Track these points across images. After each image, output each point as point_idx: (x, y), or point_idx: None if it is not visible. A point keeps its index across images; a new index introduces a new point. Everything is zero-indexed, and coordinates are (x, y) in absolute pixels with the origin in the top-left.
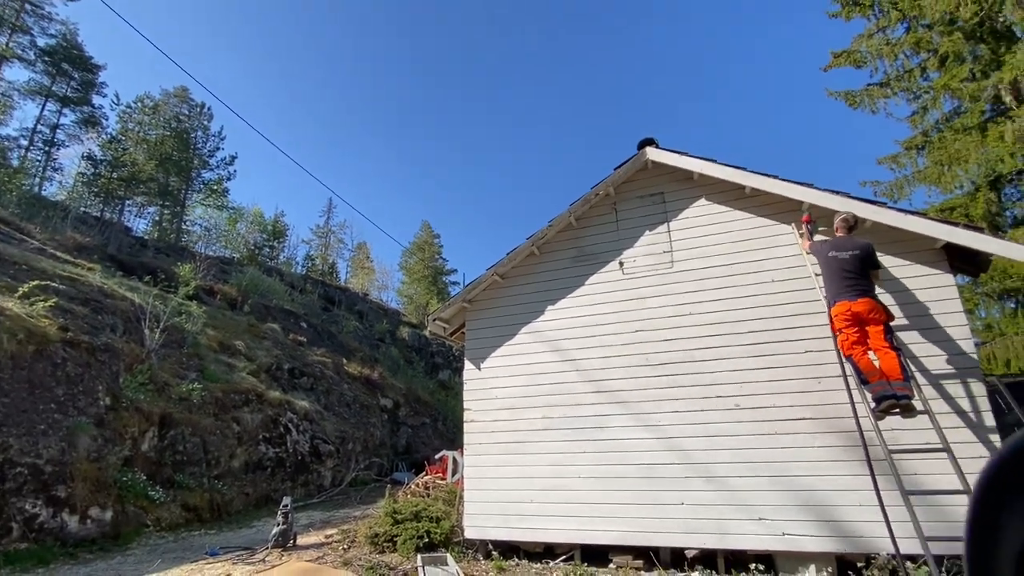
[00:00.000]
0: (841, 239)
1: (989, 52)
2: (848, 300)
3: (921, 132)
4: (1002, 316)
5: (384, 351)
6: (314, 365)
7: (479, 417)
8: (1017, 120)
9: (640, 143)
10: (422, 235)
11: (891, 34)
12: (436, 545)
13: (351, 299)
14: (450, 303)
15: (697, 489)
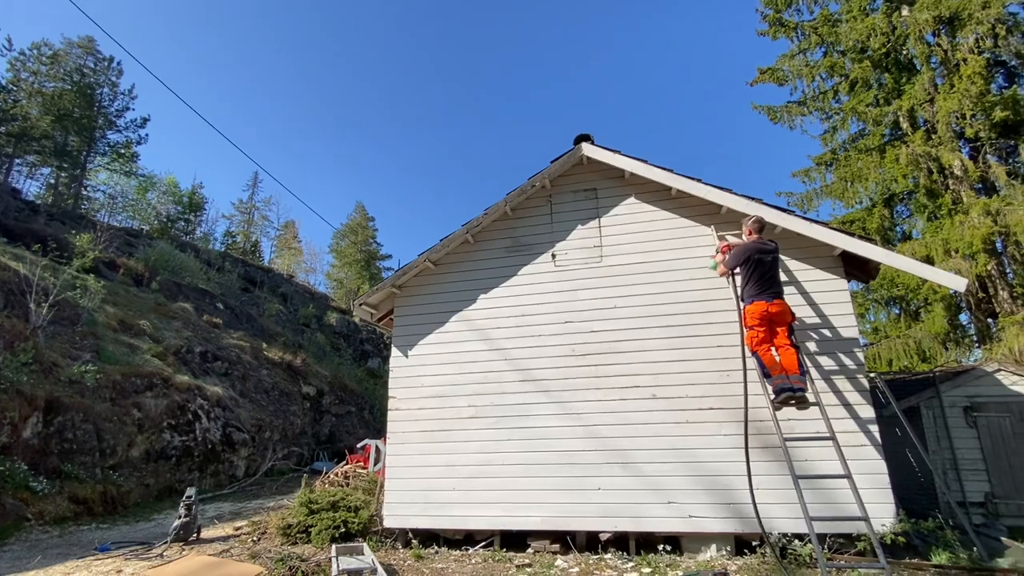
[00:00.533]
0: (762, 241)
1: (892, 81)
2: (765, 301)
3: (830, 150)
4: (888, 320)
5: (309, 337)
6: (230, 349)
7: (404, 405)
8: (911, 145)
9: (576, 138)
10: (356, 217)
11: (811, 57)
12: (353, 535)
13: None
14: (379, 288)
15: (614, 475)
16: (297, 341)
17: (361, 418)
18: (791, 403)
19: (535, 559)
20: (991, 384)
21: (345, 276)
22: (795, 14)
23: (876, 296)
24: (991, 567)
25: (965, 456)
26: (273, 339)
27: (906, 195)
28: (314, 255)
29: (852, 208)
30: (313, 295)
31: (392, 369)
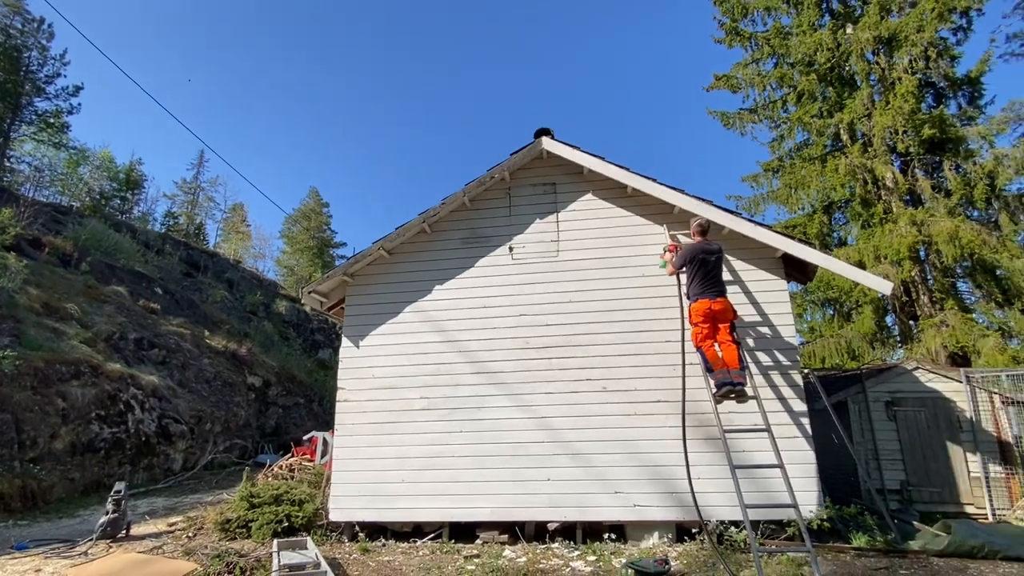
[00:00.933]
0: (706, 242)
1: (835, 95)
2: (709, 299)
3: (777, 157)
4: (823, 320)
5: (256, 325)
6: (168, 336)
7: (354, 397)
8: (849, 156)
9: (537, 132)
10: (309, 202)
11: (763, 66)
12: (297, 530)
13: (220, 265)
14: (330, 275)
15: (563, 466)
16: (243, 329)
17: (310, 410)
18: (731, 396)
19: (483, 550)
20: (910, 381)
21: (296, 263)
22: (750, 24)
23: (813, 297)
24: (903, 549)
25: (885, 447)
26: (217, 327)
27: (843, 203)
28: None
29: (795, 213)
30: (261, 282)
31: (342, 360)
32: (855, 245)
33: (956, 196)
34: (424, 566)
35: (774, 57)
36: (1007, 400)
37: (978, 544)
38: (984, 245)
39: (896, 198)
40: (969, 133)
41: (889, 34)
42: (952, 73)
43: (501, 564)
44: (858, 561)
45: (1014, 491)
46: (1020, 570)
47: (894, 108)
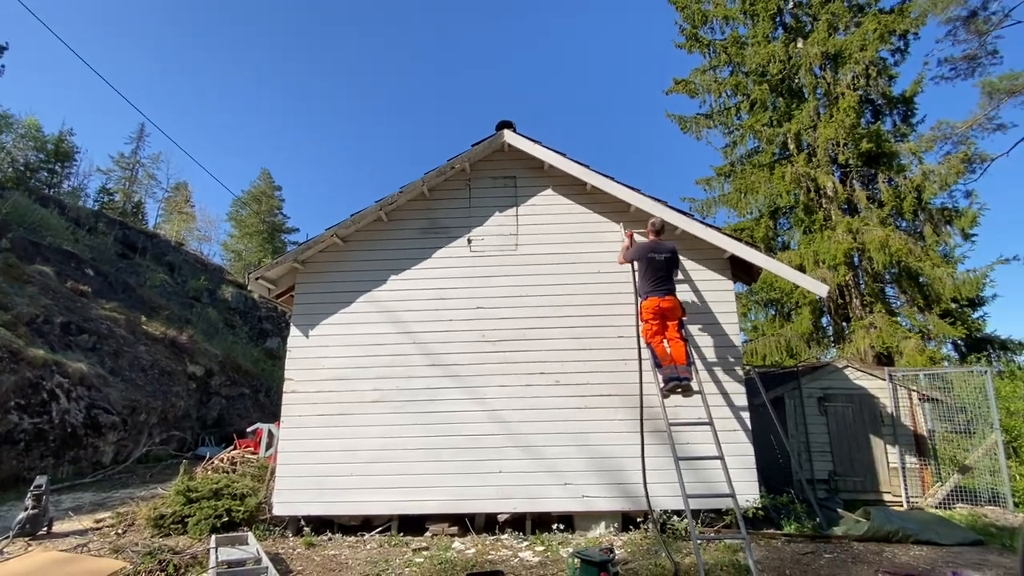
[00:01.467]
0: (657, 242)
1: (785, 105)
2: (658, 297)
3: (730, 162)
4: (765, 320)
5: (199, 312)
6: (100, 321)
7: (302, 388)
8: (795, 165)
9: (499, 124)
10: (260, 184)
11: (720, 74)
12: (238, 524)
13: (160, 247)
14: (279, 261)
15: (514, 458)
16: (184, 316)
17: (256, 401)
18: (678, 391)
19: (432, 542)
20: (840, 379)
21: (245, 248)
22: (709, 32)
23: (757, 298)
24: (828, 535)
25: (816, 440)
26: (155, 312)
27: (788, 209)
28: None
29: (744, 217)
30: (206, 266)
31: (290, 349)
32: (797, 249)
33: (888, 207)
34: (371, 559)
35: (730, 65)
36: (923, 397)
37: (893, 529)
38: (910, 254)
39: (835, 207)
40: (901, 149)
41: (835, 51)
42: (889, 92)
43: (450, 556)
44: (788, 547)
45: (926, 480)
46: (928, 552)
47: (837, 121)
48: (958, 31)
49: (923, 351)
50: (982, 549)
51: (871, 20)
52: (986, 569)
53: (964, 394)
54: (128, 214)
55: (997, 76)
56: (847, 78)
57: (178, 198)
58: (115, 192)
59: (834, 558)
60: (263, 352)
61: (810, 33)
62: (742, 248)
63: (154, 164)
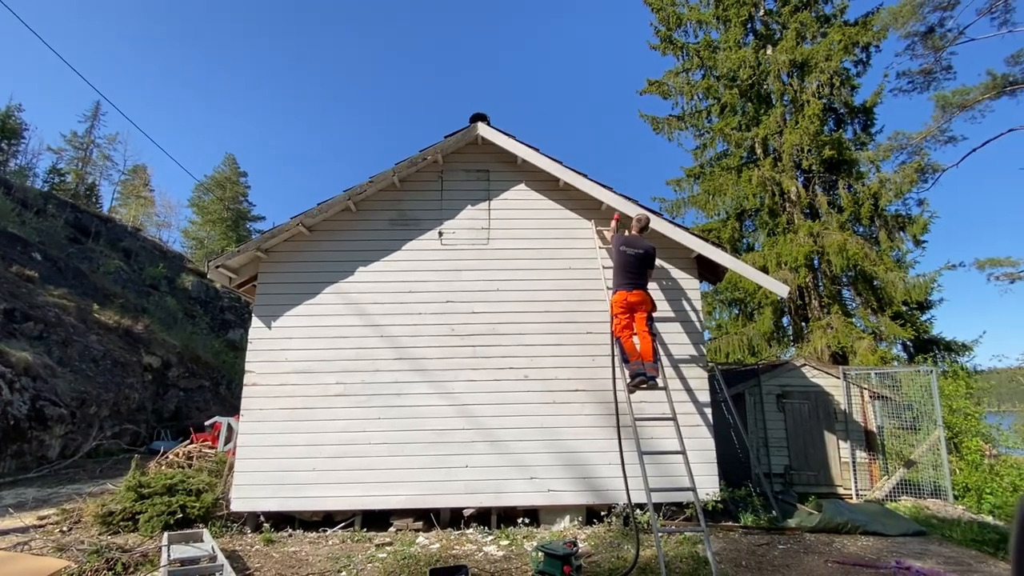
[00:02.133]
0: (634, 238)
1: (753, 110)
2: (627, 291)
3: (699, 164)
4: (729, 319)
5: (157, 300)
6: (47, 308)
7: (264, 381)
8: (762, 169)
9: (472, 117)
10: (224, 170)
11: (692, 76)
12: (193, 521)
13: (116, 233)
14: (241, 250)
15: (482, 452)
16: (141, 305)
17: (216, 394)
18: (643, 387)
19: (396, 537)
20: (798, 376)
21: (207, 235)
22: (683, 35)
23: (722, 297)
24: (783, 526)
25: (774, 435)
26: (109, 300)
27: (754, 212)
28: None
29: (712, 218)
30: (165, 253)
31: (252, 341)
32: (761, 251)
33: (847, 212)
34: (333, 555)
35: (703, 69)
36: (874, 395)
37: (843, 521)
38: (866, 258)
39: (798, 210)
40: (861, 157)
41: (803, 59)
42: (851, 101)
43: (413, 551)
44: (745, 538)
45: (875, 474)
46: (875, 542)
47: (802, 128)
48: (916, 46)
49: (875, 351)
50: (924, 539)
51: (836, 31)
52: (927, 558)
53: (911, 392)
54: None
55: (951, 91)
56: (812, 86)
57: (136, 181)
58: (67, 173)
59: (787, 549)
60: (225, 343)
61: (779, 41)
62: (708, 248)
63: (110, 145)
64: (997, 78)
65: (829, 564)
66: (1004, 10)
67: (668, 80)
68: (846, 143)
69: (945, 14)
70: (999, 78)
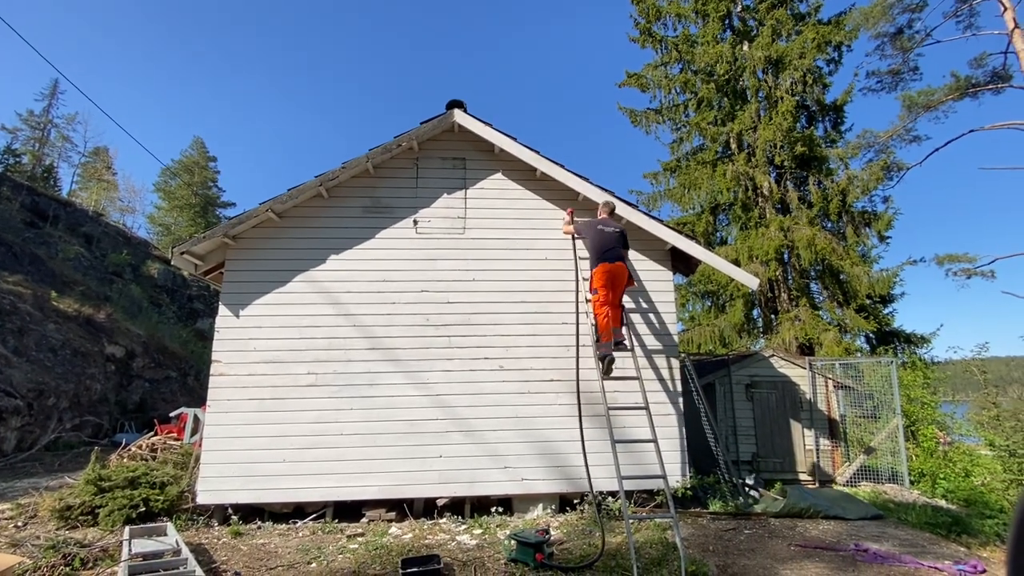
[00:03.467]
0: (606, 219)
1: (729, 105)
2: (608, 263)
3: (676, 158)
4: (702, 311)
5: (121, 288)
6: (1, 296)
7: (231, 371)
8: (736, 164)
9: (449, 103)
10: (192, 154)
11: (671, 70)
12: (157, 515)
13: (76, 217)
14: (207, 235)
15: (456, 443)
16: (103, 292)
17: (184, 385)
18: (613, 361)
19: (369, 528)
20: (766, 367)
21: (174, 222)
22: (662, 28)
23: (695, 290)
24: (749, 512)
25: (742, 424)
26: (69, 288)
27: (727, 206)
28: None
29: (687, 212)
30: (129, 240)
31: (219, 330)
32: (734, 244)
33: (816, 208)
34: (303, 547)
35: (681, 63)
36: (838, 385)
37: (806, 506)
38: (833, 252)
39: (770, 205)
40: (831, 154)
41: (778, 56)
42: (823, 99)
43: (386, 542)
44: (712, 524)
45: (837, 461)
46: (835, 526)
47: (776, 124)
48: (885, 46)
49: (840, 343)
50: (882, 523)
51: (810, 30)
52: (883, 540)
53: (872, 382)
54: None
55: (916, 91)
56: (787, 83)
57: (97, 164)
58: (22, 154)
59: (753, 533)
60: (193, 333)
61: (755, 37)
62: (682, 240)
63: (69, 125)
64: (960, 80)
65: (792, 547)
66: (969, 14)
67: (647, 73)
68: (817, 140)
69: (913, 15)
70: (962, 80)
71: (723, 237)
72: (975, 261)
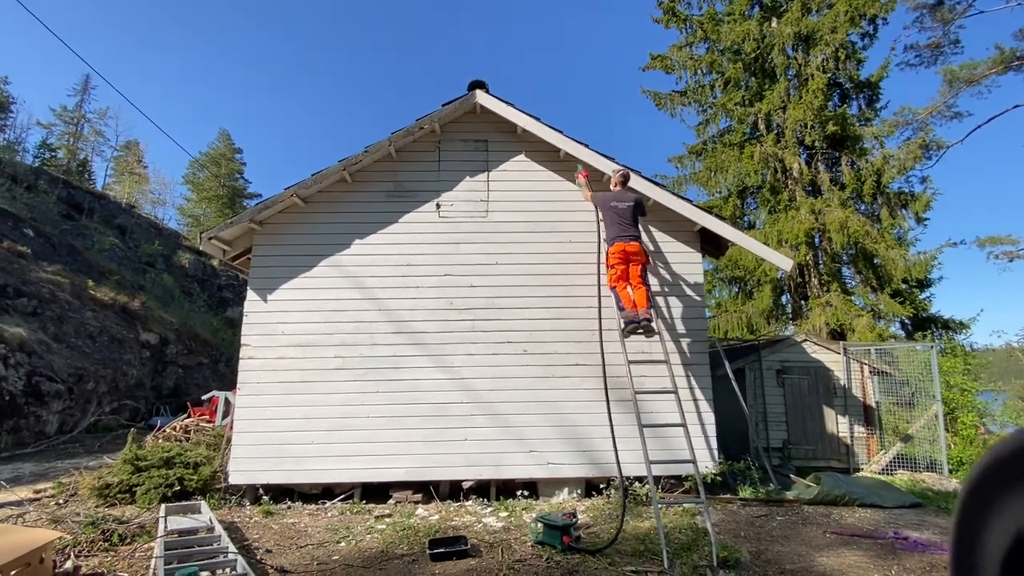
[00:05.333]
0: (619, 192)
1: (757, 85)
2: (623, 242)
3: (702, 141)
4: (728, 297)
5: (154, 278)
6: (41, 285)
7: (260, 355)
8: (764, 145)
9: (471, 84)
10: (219, 146)
11: (696, 50)
12: (191, 494)
13: (110, 210)
14: (235, 221)
15: (481, 426)
16: (137, 282)
17: (215, 371)
18: (639, 332)
19: (396, 509)
20: (798, 352)
21: (203, 213)
22: (686, 7)
23: (722, 275)
24: (780, 498)
25: (773, 410)
26: (104, 277)
27: (755, 189)
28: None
29: (713, 196)
30: (161, 231)
31: (247, 315)
32: (762, 228)
33: (849, 189)
34: (332, 527)
35: (706, 42)
36: (873, 370)
37: (841, 493)
38: (867, 236)
39: (800, 187)
40: (865, 133)
41: (808, 31)
42: (856, 76)
43: (413, 523)
44: (743, 510)
45: (872, 448)
46: (872, 514)
47: (806, 103)
48: (924, 18)
49: (873, 328)
50: (921, 511)
51: (843, 2)
52: (924, 528)
53: (909, 369)
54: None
55: (958, 65)
56: (818, 59)
57: (129, 157)
58: (58, 148)
59: (785, 520)
60: (223, 321)
61: (784, 13)
62: (712, 221)
63: (101, 120)
64: (1005, 52)
65: (827, 535)
66: None
67: (671, 54)
68: (850, 119)
69: None
70: (1007, 52)
71: (751, 221)
72: (1018, 243)
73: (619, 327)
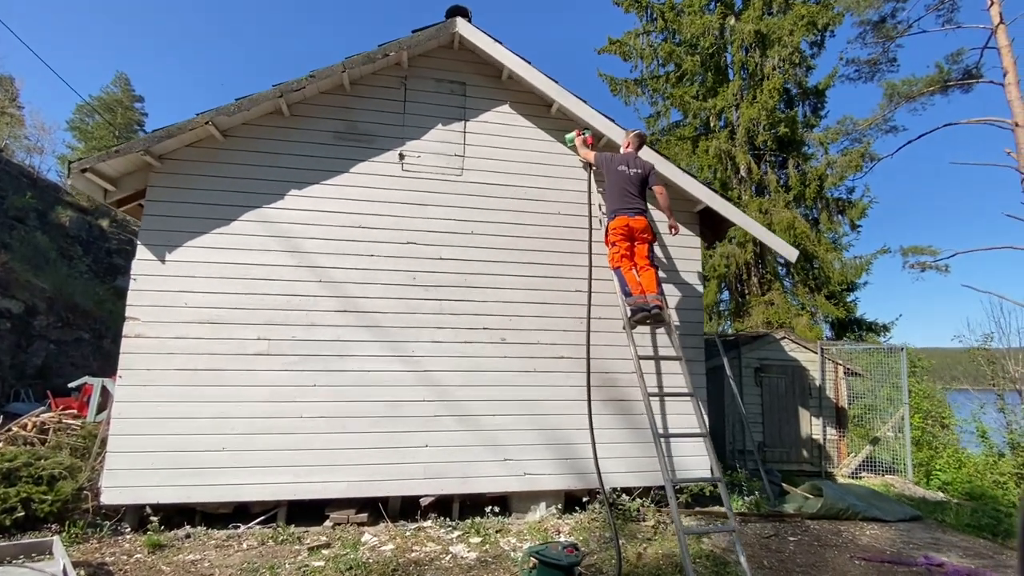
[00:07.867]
0: (631, 156)
1: (712, 80)
2: (627, 216)
3: (654, 133)
4: None
5: (23, 236)
6: None
7: (153, 332)
8: (716, 142)
9: (450, 10)
10: (115, 91)
11: (654, 39)
12: (42, 520)
13: None
14: (121, 150)
15: (447, 429)
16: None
17: (99, 348)
18: (647, 322)
19: (335, 535)
20: (776, 350)
21: None
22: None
23: None
24: (780, 512)
25: (751, 410)
26: None
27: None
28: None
29: None
30: (36, 182)
31: (136, 278)
32: None
33: (793, 192)
34: (250, 566)
35: (665, 32)
36: (848, 371)
37: (844, 507)
38: (808, 238)
39: (748, 187)
40: (810, 138)
41: (767, 31)
42: (805, 82)
43: (360, 557)
44: (746, 527)
45: (843, 451)
46: (881, 531)
47: (761, 102)
48: (868, 34)
49: (812, 328)
50: (924, 526)
51: (801, 6)
52: (942, 548)
53: (871, 369)
54: None
55: (899, 80)
56: (774, 60)
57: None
58: None
59: (799, 541)
60: (111, 291)
61: (743, 11)
62: (718, 200)
63: None
64: (944, 71)
65: (856, 561)
66: (950, 8)
67: (629, 41)
68: (798, 123)
69: (898, 4)
70: (945, 71)
71: None
72: (938, 254)
73: (624, 315)
